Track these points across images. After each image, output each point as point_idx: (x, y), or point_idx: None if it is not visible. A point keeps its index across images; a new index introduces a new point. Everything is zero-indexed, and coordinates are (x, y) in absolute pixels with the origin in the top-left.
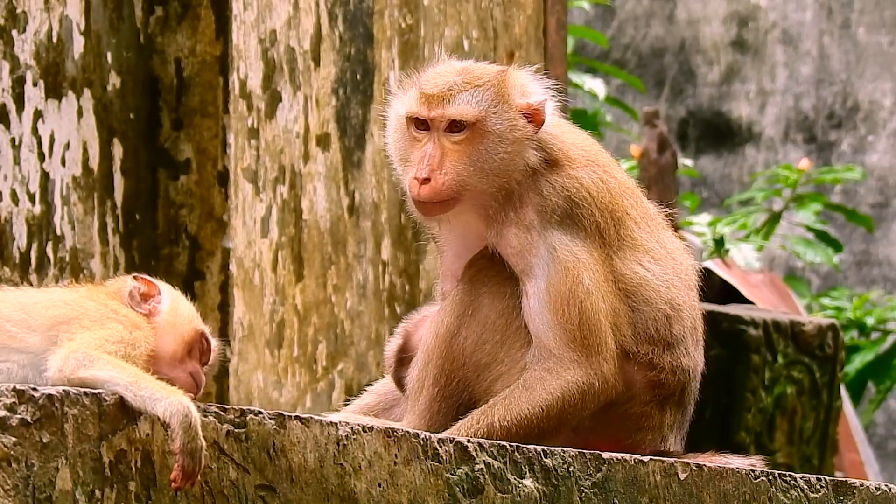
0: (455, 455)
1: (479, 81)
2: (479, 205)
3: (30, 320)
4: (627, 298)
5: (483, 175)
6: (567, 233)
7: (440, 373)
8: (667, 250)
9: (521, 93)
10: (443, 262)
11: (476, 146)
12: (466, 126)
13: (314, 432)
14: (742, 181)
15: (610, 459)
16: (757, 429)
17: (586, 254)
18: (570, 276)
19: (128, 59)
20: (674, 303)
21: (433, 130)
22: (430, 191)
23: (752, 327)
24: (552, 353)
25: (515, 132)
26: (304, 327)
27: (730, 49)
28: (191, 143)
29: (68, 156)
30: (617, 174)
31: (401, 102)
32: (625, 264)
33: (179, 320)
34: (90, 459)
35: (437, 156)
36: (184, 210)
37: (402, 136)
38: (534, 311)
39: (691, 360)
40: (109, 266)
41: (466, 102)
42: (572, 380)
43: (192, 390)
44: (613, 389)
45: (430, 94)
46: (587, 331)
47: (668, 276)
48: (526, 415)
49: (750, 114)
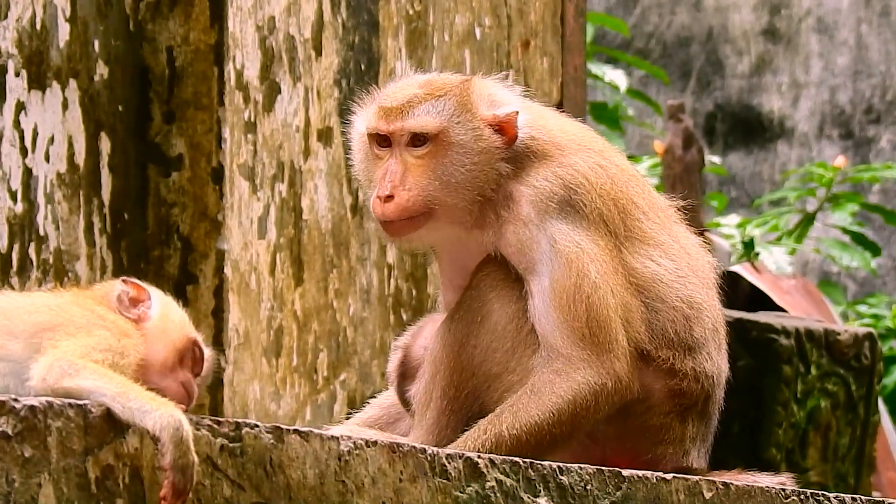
0: (464, 472)
1: (441, 91)
2: (454, 219)
3: (11, 326)
4: (640, 294)
5: (450, 189)
6: (567, 222)
7: (448, 384)
8: (680, 245)
9: (487, 103)
10: (441, 272)
11: (440, 159)
12: (429, 139)
13: (314, 447)
14: (773, 180)
15: (630, 477)
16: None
17: (591, 243)
18: (575, 269)
19: (116, 48)
20: (692, 301)
21: (395, 146)
22: (395, 208)
23: (783, 336)
24: (560, 354)
25: (481, 143)
26: (303, 335)
27: (761, 38)
28: (183, 138)
29: (52, 151)
30: (616, 160)
31: (361, 119)
32: (634, 258)
33: (171, 327)
34: (75, 475)
35: (400, 171)
36: (176, 209)
37: (366, 156)
38: (539, 310)
39: (714, 365)
40: (96, 269)
41: (426, 113)
42: (583, 381)
43: (184, 401)
44: (628, 389)
45: (388, 108)
46: (596, 327)
47: (684, 272)
48: (536, 421)
49: (782, 107)
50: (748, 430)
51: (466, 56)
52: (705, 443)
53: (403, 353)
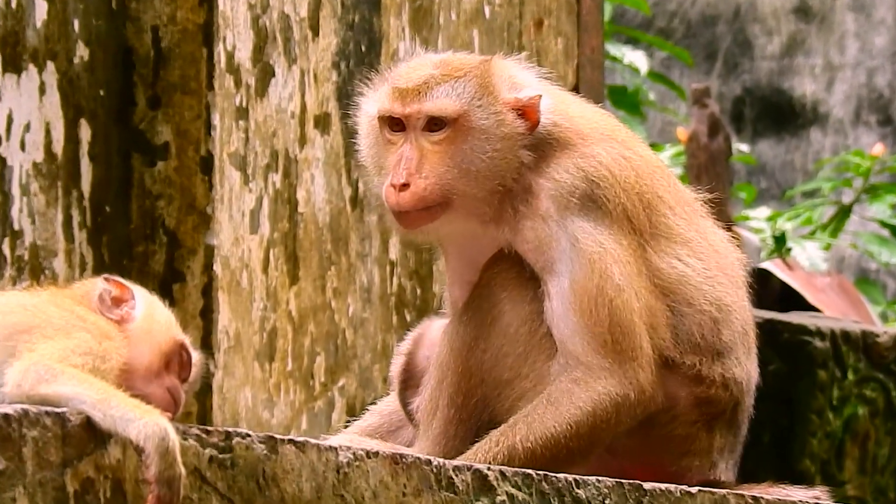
0: (473, 485)
1: (460, 72)
2: (471, 211)
3: None
4: (665, 297)
5: (470, 178)
6: (590, 219)
7: (456, 391)
8: (708, 242)
9: (509, 85)
10: (449, 267)
11: (459, 145)
12: (447, 123)
13: (311, 458)
14: (806, 169)
15: (652, 490)
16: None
17: (614, 243)
18: (598, 271)
19: (97, 28)
20: (720, 304)
21: (409, 130)
22: (412, 197)
23: (817, 338)
24: (580, 362)
25: (504, 128)
26: (299, 337)
27: (792, 16)
28: (170, 125)
29: (28, 138)
30: (641, 151)
31: (371, 101)
32: (660, 257)
33: (156, 328)
34: (52, 489)
35: (416, 158)
36: (161, 201)
37: (376, 141)
38: (557, 313)
39: (744, 370)
40: (75, 266)
41: (445, 95)
42: (604, 391)
43: (170, 409)
44: (651, 400)
45: (403, 89)
46: (619, 334)
47: (712, 272)
48: (552, 434)
49: (815, 91)
50: (780, 439)
51: (475, 36)
52: (734, 454)
53: (406, 359)
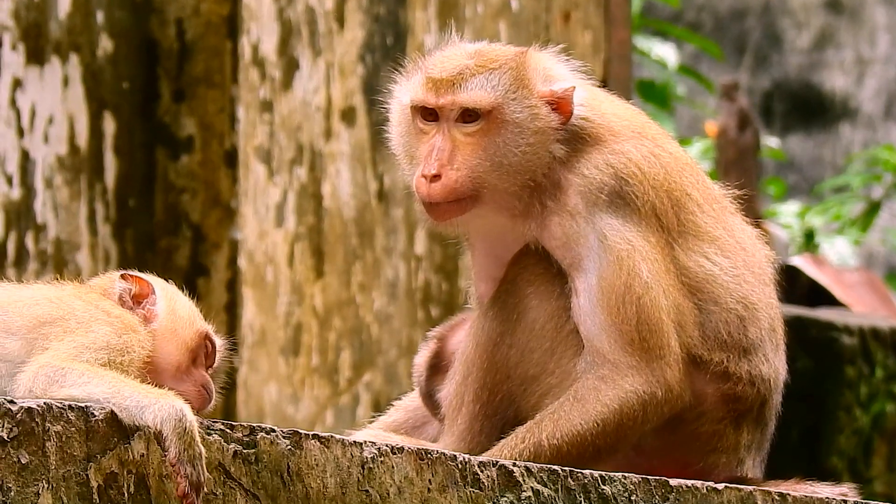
0: (498, 481)
1: (495, 64)
2: (501, 205)
3: (9, 322)
4: (692, 295)
5: (501, 171)
6: (618, 216)
7: (481, 387)
8: (736, 239)
9: (543, 78)
10: (475, 262)
11: (493, 138)
12: (481, 115)
13: (335, 454)
14: (836, 164)
15: (678, 487)
16: (851, 453)
17: (642, 240)
18: (626, 268)
19: (121, 20)
20: (747, 302)
21: (442, 121)
22: (443, 189)
23: (846, 335)
24: (607, 359)
25: (538, 122)
26: (324, 332)
27: (822, 10)
28: (194, 118)
29: (52, 131)
30: (671, 148)
31: (404, 90)
32: (688, 256)
33: (180, 324)
34: (75, 483)
35: (448, 149)
36: (185, 195)
37: (408, 130)
38: (584, 310)
39: (771, 367)
40: (99, 260)
41: (480, 87)
42: (631, 389)
43: (204, 403)
44: (679, 399)
45: (438, 79)
46: (647, 332)
47: (739, 270)
48: (578, 431)
49: (845, 86)
50: (807, 436)
51: (502, 29)
52: (761, 451)
53: (438, 344)
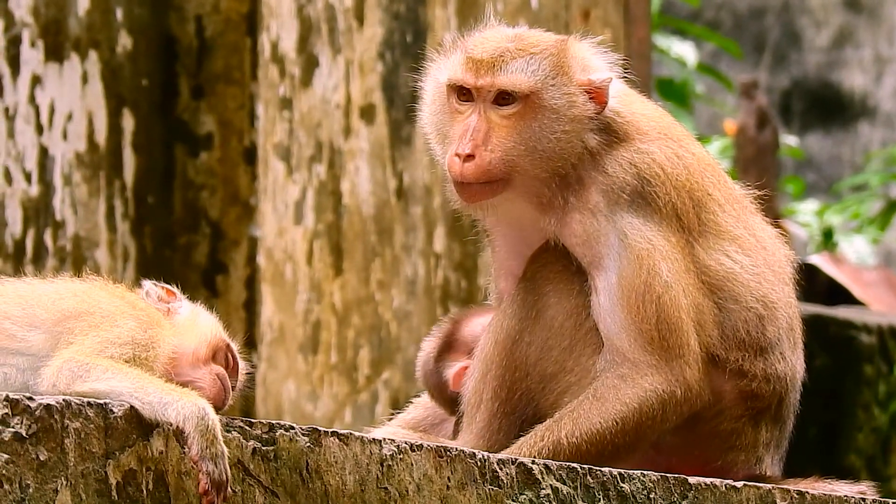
0: (517, 478)
1: (536, 49)
2: (531, 192)
3: (34, 315)
4: (712, 294)
5: (535, 156)
6: (639, 215)
7: (500, 385)
8: (756, 238)
9: (582, 67)
10: (496, 258)
11: (528, 122)
12: (518, 98)
13: (354, 451)
14: (854, 163)
15: (697, 485)
16: (869, 451)
17: (662, 240)
18: (646, 267)
19: (140, 17)
20: (766, 300)
21: (479, 101)
22: (476, 170)
23: (864, 333)
24: (626, 358)
25: (574, 110)
26: (343, 329)
27: (841, 9)
28: (213, 115)
29: (70, 128)
30: (694, 149)
31: (442, 69)
32: (708, 254)
33: (202, 321)
34: (94, 480)
35: (483, 130)
36: (204, 192)
37: (442, 109)
38: (604, 308)
39: (788, 365)
40: (117, 257)
41: (520, 71)
42: (650, 388)
43: (220, 395)
44: (698, 398)
45: (478, 60)
46: (666, 331)
47: (759, 268)
48: (598, 430)
49: (864, 84)
50: (826, 434)
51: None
52: (779, 449)
53: (453, 325)
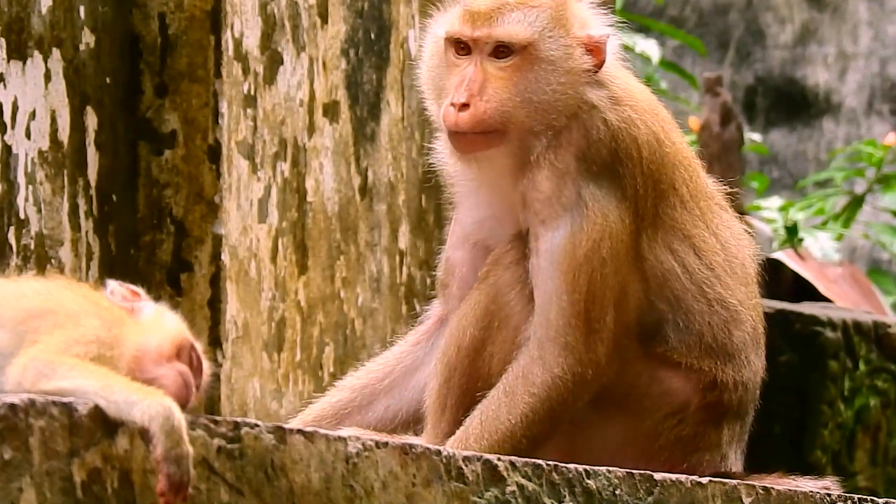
0: (483, 475)
1: (535, 2)
2: (524, 146)
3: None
4: (643, 283)
5: (531, 108)
6: (603, 188)
7: (464, 393)
8: (718, 238)
9: (581, 23)
10: (458, 224)
11: (524, 74)
12: (515, 51)
13: (319, 448)
14: (819, 159)
15: (663, 481)
16: (835, 447)
17: (617, 218)
18: (592, 239)
19: (104, 14)
20: (724, 303)
21: (476, 54)
22: (470, 119)
23: (829, 329)
24: (547, 334)
25: (571, 62)
26: (308, 327)
27: (805, 5)
28: (177, 113)
29: (34, 126)
30: (675, 136)
31: (440, 23)
32: (650, 248)
33: (167, 320)
34: (59, 479)
35: (479, 80)
36: (168, 190)
37: (439, 62)
38: (543, 270)
39: (752, 370)
40: (81, 255)
41: (518, 22)
42: (560, 373)
43: (182, 392)
44: (605, 375)
45: (475, 11)
46: (591, 303)
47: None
48: (507, 428)
49: (828, 81)
50: (791, 431)
51: None
52: (741, 442)
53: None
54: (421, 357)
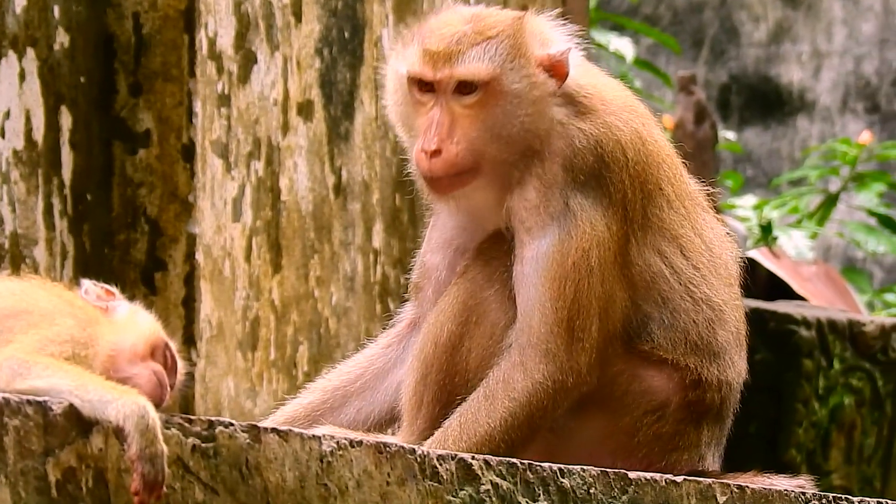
0: (457, 474)
1: (493, 31)
2: (500, 175)
3: None
4: (632, 290)
5: (501, 142)
6: (590, 197)
7: (440, 389)
8: (702, 239)
9: (540, 42)
10: (435, 230)
11: (490, 109)
12: (478, 87)
13: (294, 447)
14: (793, 157)
15: (637, 480)
16: (809, 445)
17: (604, 227)
18: (579, 248)
19: (78, 14)
20: (711, 303)
21: (440, 93)
22: (443, 164)
23: (803, 328)
24: (529, 341)
25: (535, 91)
26: (282, 326)
27: (779, 3)
28: (151, 112)
29: (8, 126)
30: (656, 133)
31: (401, 60)
32: (640, 251)
33: (141, 319)
34: (34, 478)
35: (446, 123)
36: (143, 189)
37: (405, 99)
38: (527, 277)
39: (735, 371)
40: (56, 254)
41: (478, 59)
42: (541, 379)
43: (156, 391)
44: (585, 384)
45: (434, 52)
46: (575, 313)
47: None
48: (486, 431)
49: (802, 79)
50: (766, 429)
51: None
52: (720, 445)
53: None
54: (392, 360)
